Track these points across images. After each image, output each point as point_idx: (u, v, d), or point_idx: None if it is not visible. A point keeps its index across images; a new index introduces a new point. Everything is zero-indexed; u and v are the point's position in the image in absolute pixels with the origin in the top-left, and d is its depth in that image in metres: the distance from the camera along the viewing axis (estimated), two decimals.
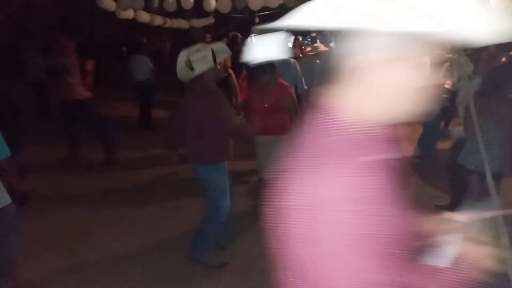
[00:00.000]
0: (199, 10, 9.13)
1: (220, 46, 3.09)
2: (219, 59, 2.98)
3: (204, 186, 3.11)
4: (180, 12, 9.82)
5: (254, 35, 10.89)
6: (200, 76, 2.92)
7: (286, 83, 3.89)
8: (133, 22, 9.00)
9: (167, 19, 10.12)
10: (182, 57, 2.91)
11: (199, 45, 2.98)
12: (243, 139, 3.35)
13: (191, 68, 2.87)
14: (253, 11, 9.36)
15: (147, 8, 8.30)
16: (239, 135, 3.18)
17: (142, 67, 7.30)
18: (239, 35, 9.02)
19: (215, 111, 2.91)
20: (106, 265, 3.32)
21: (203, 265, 3.26)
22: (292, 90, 4.07)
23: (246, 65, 4.51)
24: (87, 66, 5.41)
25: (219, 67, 3.02)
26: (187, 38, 10.83)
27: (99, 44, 11.32)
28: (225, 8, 7.35)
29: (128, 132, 7.29)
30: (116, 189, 4.85)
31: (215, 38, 10.22)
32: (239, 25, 12.25)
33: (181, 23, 10.85)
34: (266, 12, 9.18)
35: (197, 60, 2.87)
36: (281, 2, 7.19)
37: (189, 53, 2.89)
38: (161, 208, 4.38)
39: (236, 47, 8.39)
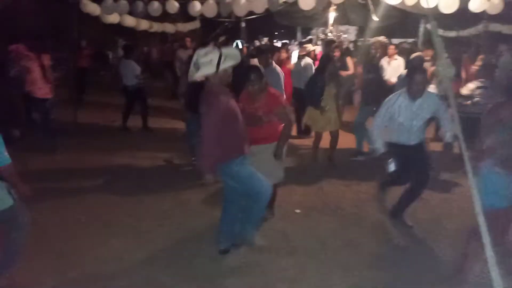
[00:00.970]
0: (185, 14, 9.11)
1: (231, 52, 3.12)
2: (224, 65, 3.01)
3: (235, 183, 3.25)
4: (166, 17, 9.83)
5: (241, 41, 10.98)
6: (207, 79, 3.03)
7: (278, 91, 3.88)
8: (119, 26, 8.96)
9: (153, 23, 10.07)
10: (194, 57, 3.04)
11: (209, 48, 3.11)
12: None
13: (197, 70, 3.00)
14: (239, 16, 9.39)
15: (132, 13, 8.23)
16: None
17: (131, 71, 7.32)
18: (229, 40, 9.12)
19: (219, 114, 2.99)
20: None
21: (251, 245, 3.44)
22: (284, 98, 4.07)
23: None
24: (44, 61, 5.95)
25: (224, 73, 3.05)
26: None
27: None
28: (211, 12, 7.34)
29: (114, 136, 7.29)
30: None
31: (201, 43, 10.26)
32: (226, 30, 12.29)
33: (167, 27, 10.82)
34: (252, 17, 9.21)
35: (203, 63, 2.98)
36: (266, 7, 7.20)
37: (199, 55, 3.01)
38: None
39: None
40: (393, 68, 6.92)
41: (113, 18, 8.17)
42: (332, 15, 10.69)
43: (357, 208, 4.47)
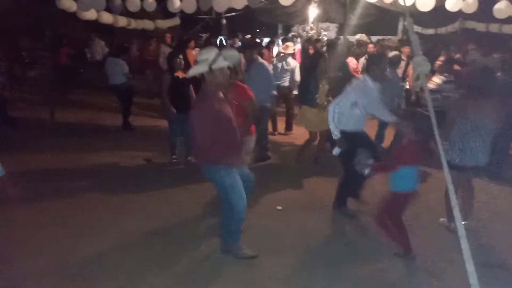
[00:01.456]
0: (164, 11, 9.00)
1: (230, 53, 3.10)
2: (220, 65, 2.97)
3: (215, 186, 3.23)
4: (145, 13, 9.67)
5: (224, 37, 10.95)
6: (206, 79, 3.02)
7: (245, 85, 3.88)
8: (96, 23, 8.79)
9: (132, 20, 9.89)
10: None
11: (208, 48, 3.10)
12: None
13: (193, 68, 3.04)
14: (219, 13, 9.34)
15: (110, 9, 8.08)
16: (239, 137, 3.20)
17: (119, 70, 7.22)
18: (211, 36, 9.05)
19: (210, 115, 2.95)
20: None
21: (235, 256, 3.35)
22: (251, 92, 4.06)
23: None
24: None
25: (219, 72, 2.99)
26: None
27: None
28: (190, 9, 7.27)
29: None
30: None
31: (182, 40, 10.15)
32: (206, 27, 12.22)
33: (146, 24, 10.64)
34: (233, 14, 9.18)
35: (199, 61, 3.00)
36: (246, 4, 7.18)
37: (199, 53, 3.08)
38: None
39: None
40: None
41: (90, 15, 7.98)
42: (312, 12, 10.75)
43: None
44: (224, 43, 11.01)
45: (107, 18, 8.70)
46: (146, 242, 3.64)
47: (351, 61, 7.36)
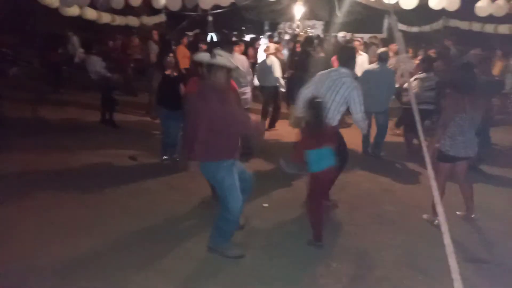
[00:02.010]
0: (149, 7, 8.90)
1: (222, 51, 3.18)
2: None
3: (213, 184, 3.20)
4: (130, 10, 9.55)
5: (214, 34, 10.81)
6: (212, 73, 3.03)
7: (232, 81, 3.87)
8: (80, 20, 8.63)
9: (116, 16, 9.76)
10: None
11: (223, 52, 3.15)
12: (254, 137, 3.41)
13: (216, 60, 3.02)
14: (206, 10, 9.28)
15: (94, 5, 7.94)
16: (247, 133, 3.26)
17: (96, 66, 7.15)
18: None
19: (219, 109, 2.96)
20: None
21: (222, 255, 3.31)
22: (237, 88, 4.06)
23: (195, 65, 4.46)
24: None
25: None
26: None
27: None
28: (175, 5, 7.20)
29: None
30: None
31: (165, 40, 10.07)
32: (192, 24, 12.12)
33: (131, 21, 10.52)
34: (219, 10, 9.13)
35: (221, 55, 3.05)
36: (232, 1, 7.14)
37: (217, 51, 3.09)
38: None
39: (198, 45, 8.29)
40: (358, 64, 7.07)
41: (73, 11, 7.85)
42: (298, 10, 10.76)
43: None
44: (215, 39, 10.99)
45: (90, 14, 8.57)
46: (132, 242, 3.59)
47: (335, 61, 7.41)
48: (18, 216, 3.97)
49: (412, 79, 5.25)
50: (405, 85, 6.52)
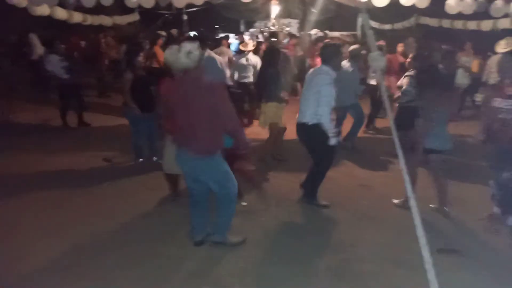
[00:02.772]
0: (122, 6, 8.73)
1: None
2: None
3: (206, 177, 3.20)
4: (102, 9, 9.35)
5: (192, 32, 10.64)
6: (194, 67, 3.00)
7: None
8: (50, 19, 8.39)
9: (88, 15, 9.54)
10: (178, 50, 3.02)
11: (192, 44, 3.09)
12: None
13: (192, 59, 2.99)
14: (180, 8, 9.19)
15: (64, 4, 7.75)
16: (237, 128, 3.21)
17: (55, 66, 6.95)
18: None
19: (211, 100, 2.99)
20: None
21: (228, 245, 3.40)
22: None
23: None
24: None
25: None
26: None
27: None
28: (149, 3, 7.09)
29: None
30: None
31: (143, 35, 9.91)
32: (167, 22, 11.98)
33: (104, 20, 10.31)
34: (194, 9, 9.06)
35: (193, 50, 3.00)
36: None
37: (184, 46, 3.02)
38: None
39: (178, 43, 8.16)
40: None
41: (42, 10, 7.62)
42: (274, 8, 10.80)
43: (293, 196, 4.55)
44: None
45: (61, 13, 8.35)
46: (110, 244, 3.53)
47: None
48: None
49: (404, 76, 5.36)
50: (374, 82, 6.69)
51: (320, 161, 4.22)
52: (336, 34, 11.29)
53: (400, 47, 8.27)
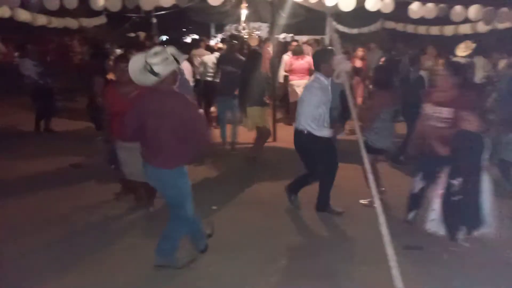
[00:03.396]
0: (89, 9, 8.52)
1: (175, 50, 2.96)
2: (181, 61, 2.92)
3: (166, 192, 3.11)
4: (67, 11, 9.09)
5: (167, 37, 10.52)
6: (162, 80, 2.83)
7: None
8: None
9: (53, 18, 9.25)
10: (138, 61, 2.83)
11: (156, 49, 2.89)
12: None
13: (154, 72, 2.77)
14: (149, 11, 9.07)
15: (26, 6, 7.47)
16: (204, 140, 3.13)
17: (29, 70, 6.84)
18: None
19: (186, 115, 2.90)
20: None
21: (174, 268, 3.18)
22: None
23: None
24: None
25: (173, 72, 2.90)
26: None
27: None
28: (115, 6, 6.95)
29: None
30: None
31: (112, 38, 9.74)
32: (135, 25, 11.78)
33: (69, 23, 10.02)
34: (163, 12, 8.96)
35: (159, 63, 2.78)
36: (174, 2, 7.03)
37: (147, 57, 2.79)
38: None
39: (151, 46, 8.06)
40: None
41: (2, 12, 7.34)
42: (244, 12, 10.83)
43: (276, 200, 4.58)
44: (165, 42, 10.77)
45: (23, 15, 8.05)
46: (74, 249, 3.47)
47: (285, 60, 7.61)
48: None
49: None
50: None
51: (326, 168, 4.12)
52: (304, 38, 11.46)
53: (359, 51, 8.50)
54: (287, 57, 8.24)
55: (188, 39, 12.77)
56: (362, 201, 4.45)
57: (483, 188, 3.36)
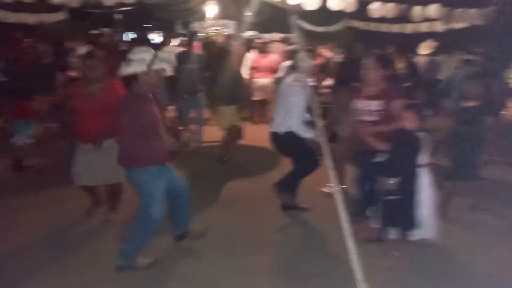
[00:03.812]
0: (48, 4, 8.19)
1: (166, 56, 3.09)
2: (156, 66, 2.94)
3: (136, 191, 3.15)
4: (25, 6, 8.71)
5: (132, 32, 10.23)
6: (135, 78, 2.94)
7: (116, 80, 3.75)
8: None
9: (9, 13, 8.83)
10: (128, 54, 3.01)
11: (145, 48, 3.01)
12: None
13: (128, 66, 2.94)
14: (111, 7, 8.82)
15: None
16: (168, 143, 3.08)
17: None
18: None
19: (140, 117, 2.93)
20: None
21: (133, 269, 3.16)
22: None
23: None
24: None
25: (154, 74, 2.96)
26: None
27: None
28: (74, 2, 6.73)
29: None
30: None
31: (74, 35, 9.38)
32: (97, 21, 11.44)
33: (27, 18, 9.59)
34: (125, 8, 8.75)
35: (135, 60, 2.92)
36: None
37: (133, 52, 2.98)
38: None
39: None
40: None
41: None
42: (210, 9, 10.72)
43: (244, 198, 4.62)
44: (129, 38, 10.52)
45: None
46: (30, 254, 3.42)
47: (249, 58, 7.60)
48: None
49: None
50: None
51: (302, 164, 4.15)
52: (273, 36, 11.51)
53: (321, 49, 8.62)
54: (251, 55, 8.25)
55: (154, 37, 12.59)
56: (323, 189, 4.54)
57: (421, 189, 3.31)
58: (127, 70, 2.95)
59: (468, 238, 3.78)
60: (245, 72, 8.20)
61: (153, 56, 2.93)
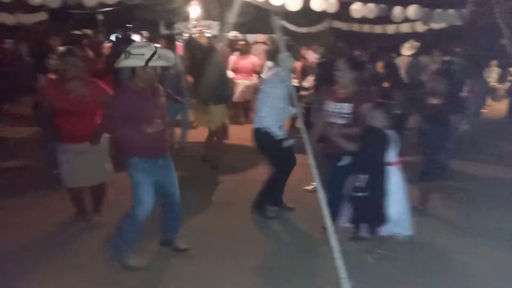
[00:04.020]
0: (27, 4, 8.03)
1: (167, 53, 3.07)
2: (153, 63, 2.95)
3: None
4: (2, 6, 8.52)
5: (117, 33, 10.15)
6: (133, 72, 2.99)
7: (96, 80, 3.74)
8: None
9: None
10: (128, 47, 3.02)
11: (145, 43, 3.14)
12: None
13: (126, 59, 2.95)
14: (93, 7, 8.71)
15: None
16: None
17: None
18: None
19: (129, 110, 2.98)
20: None
21: (120, 263, 3.17)
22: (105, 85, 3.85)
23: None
24: None
25: (151, 70, 2.98)
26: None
27: None
28: (54, 2, 6.62)
29: None
30: None
31: (55, 36, 9.18)
32: (79, 22, 11.29)
33: (6, 19, 9.40)
34: (107, 9, 8.65)
35: (133, 54, 2.92)
36: None
37: (133, 45, 3.01)
38: None
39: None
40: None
41: None
42: (193, 9, 10.67)
43: (230, 198, 4.65)
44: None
45: None
46: (23, 255, 3.38)
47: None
48: None
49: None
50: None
51: (279, 167, 4.11)
52: (255, 37, 11.52)
53: (303, 49, 8.69)
54: (233, 57, 8.26)
55: (136, 37, 12.46)
56: (306, 188, 4.61)
57: (390, 186, 3.30)
58: (124, 63, 2.96)
59: (443, 234, 3.90)
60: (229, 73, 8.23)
61: (153, 52, 2.93)
